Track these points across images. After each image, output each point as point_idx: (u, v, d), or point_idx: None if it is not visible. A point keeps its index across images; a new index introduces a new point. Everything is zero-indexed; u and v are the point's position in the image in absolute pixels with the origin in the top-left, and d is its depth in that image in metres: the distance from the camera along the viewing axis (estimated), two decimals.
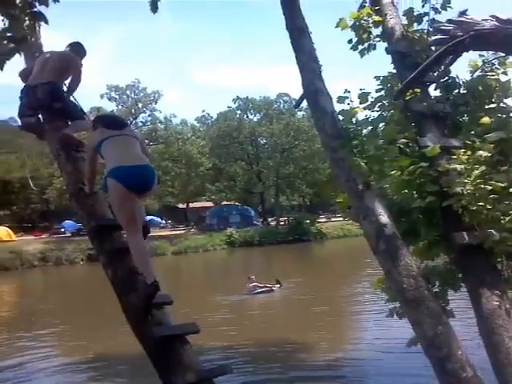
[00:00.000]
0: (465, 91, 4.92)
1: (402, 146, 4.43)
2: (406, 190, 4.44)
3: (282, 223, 54.81)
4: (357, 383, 9.23)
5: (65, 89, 4.81)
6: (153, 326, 3.49)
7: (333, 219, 56.21)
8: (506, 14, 3.21)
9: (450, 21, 3.58)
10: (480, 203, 3.92)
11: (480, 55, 4.97)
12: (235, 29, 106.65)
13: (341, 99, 4.55)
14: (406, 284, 3.51)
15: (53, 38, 5.31)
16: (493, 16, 3.25)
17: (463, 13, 3.48)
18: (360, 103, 4.83)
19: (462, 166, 4.05)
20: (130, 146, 3.87)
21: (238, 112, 58.97)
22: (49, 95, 4.55)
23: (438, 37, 3.61)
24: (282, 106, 59.34)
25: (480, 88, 4.82)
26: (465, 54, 4.71)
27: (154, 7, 5.91)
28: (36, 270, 34.95)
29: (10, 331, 15.05)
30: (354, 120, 4.43)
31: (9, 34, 3.94)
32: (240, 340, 12.10)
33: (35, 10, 4.01)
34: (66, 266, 36.61)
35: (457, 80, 4.97)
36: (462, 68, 4.96)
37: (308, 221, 50.30)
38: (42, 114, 4.76)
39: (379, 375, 9.15)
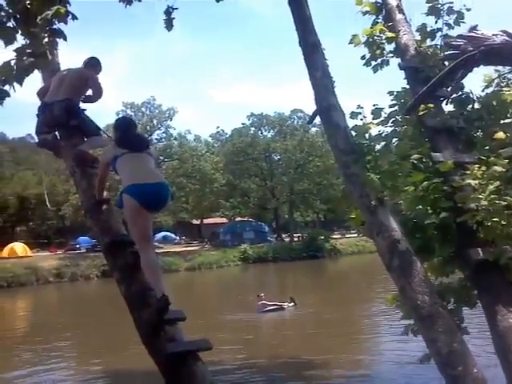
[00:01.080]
0: (479, 106, 4.90)
1: (415, 162, 4.42)
2: (420, 206, 4.41)
3: (296, 239, 54.61)
4: None
5: (81, 104, 4.87)
6: (165, 341, 3.47)
7: (347, 235, 55.90)
8: None
9: (460, 36, 3.59)
10: (495, 219, 3.87)
11: (496, 70, 4.97)
12: (250, 47, 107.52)
13: (354, 115, 4.57)
14: (420, 301, 3.47)
15: (70, 57, 5.38)
16: (503, 31, 3.25)
17: (473, 28, 3.48)
18: (373, 119, 4.84)
19: (477, 182, 4.01)
20: (144, 163, 3.90)
21: (252, 128, 59.25)
22: (65, 112, 4.60)
23: (449, 52, 3.61)
24: (296, 122, 59.50)
25: (494, 103, 4.80)
26: (479, 69, 4.72)
27: (169, 25, 6.00)
28: (51, 286, 35.09)
29: (23, 344, 15.13)
30: (367, 135, 4.44)
31: (28, 51, 4.02)
32: (249, 358, 11.99)
33: (54, 27, 4.08)
34: (81, 281, 36.74)
35: (471, 95, 4.95)
36: (476, 83, 4.95)
37: (322, 237, 50.06)
38: (59, 131, 4.82)
39: None
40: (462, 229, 4.12)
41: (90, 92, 4.92)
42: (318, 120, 5.14)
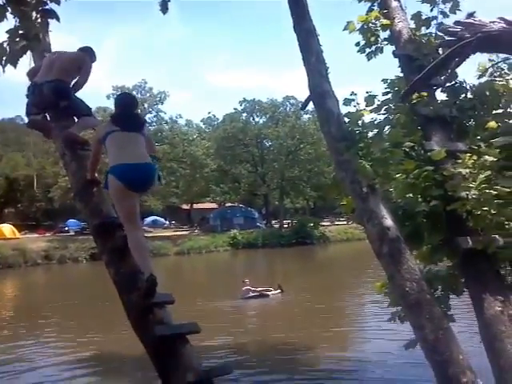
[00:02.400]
0: (472, 96, 4.91)
1: (407, 150, 4.43)
2: (411, 194, 4.43)
3: (286, 226, 54.76)
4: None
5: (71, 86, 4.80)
6: (154, 324, 3.48)
7: (336, 223, 56.19)
8: None
9: (457, 23, 3.58)
10: (484, 208, 3.90)
11: (490, 60, 4.97)
12: (246, 32, 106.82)
13: (347, 101, 4.55)
14: (408, 288, 3.49)
15: (62, 41, 5.31)
16: (500, 18, 3.25)
17: (471, 15, 3.48)
18: (366, 106, 4.83)
19: (468, 171, 4.03)
20: (132, 143, 3.85)
21: (244, 114, 59.03)
22: (54, 93, 4.54)
23: (446, 39, 3.60)
24: (288, 108, 59.35)
25: (487, 93, 4.81)
26: (473, 58, 4.72)
27: (164, 8, 5.92)
28: (39, 268, 35.01)
29: (11, 327, 15.09)
30: (359, 123, 4.42)
31: (21, 32, 3.94)
32: (235, 343, 12.03)
33: (47, 7, 4.00)
34: (70, 264, 36.66)
35: (464, 84, 4.96)
36: (470, 73, 4.95)
37: (311, 224, 50.23)
38: (48, 112, 4.76)
39: (380, 378, 9.12)
40: (452, 217, 4.14)
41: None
42: (310, 107, 5.14)
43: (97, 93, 57.31)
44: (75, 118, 4.70)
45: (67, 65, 4.69)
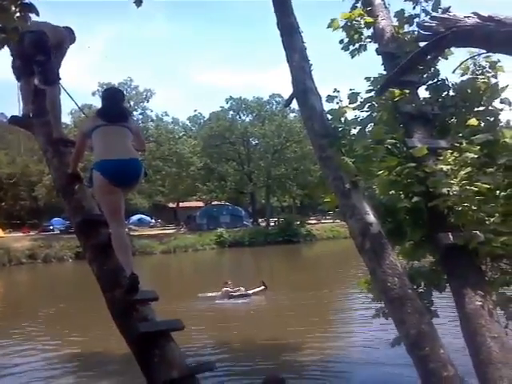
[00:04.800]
0: (454, 93, 4.95)
1: (389, 147, 4.46)
2: (393, 190, 4.47)
3: (272, 224, 54.81)
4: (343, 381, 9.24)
5: None
6: (138, 321, 3.48)
7: (323, 221, 56.33)
8: (487, 12, 3.26)
9: (433, 17, 3.62)
10: (465, 204, 3.95)
11: (472, 58, 5.02)
12: (231, 30, 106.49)
13: (330, 98, 4.58)
14: (390, 283, 3.52)
15: None
16: (474, 13, 3.30)
17: (446, 10, 3.52)
18: (349, 103, 4.85)
19: (449, 167, 4.08)
20: (118, 138, 3.82)
21: (231, 112, 58.96)
22: (34, 45, 4.40)
23: (422, 33, 3.64)
24: (274, 107, 59.36)
25: (469, 90, 4.86)
26: (456, 56, 4.77)
27: (138, 1, 5.90)
28: (24, 267, 34.67)
29: None
30: (342, 119, 4.45)
31: None
32: (218, 342, 11.97)
33: (26, 1, 3.95)
34: (55, 263, 36.35)
35: (446, 82, 5.00)
36: (450, 70, 4.99)
37: (298, 222, 50.37)
38: (24, 65, 4.58)
39: (366, 375, 9.18)
40: (434, 213, 4.18)
41: None
42: (295, 105, 5.15)
43: (82, 89, 57.01)
44: (44, 82, 4.55)
45: (51, 31, 4.57)
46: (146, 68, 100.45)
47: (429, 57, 4.14)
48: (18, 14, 3.96)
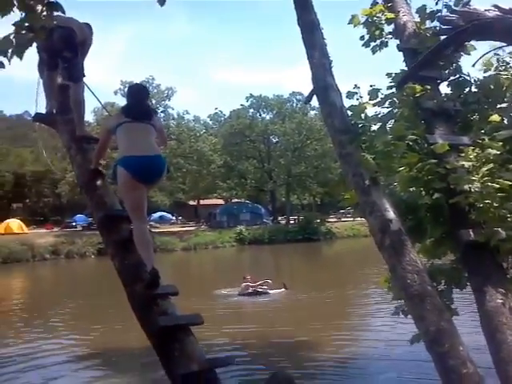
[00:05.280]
0: (476, 89, 4.89)
1: (410, 143, 4.42)
2: (414, 187, 4.43)
3: (292, 222, 54.77)
4: (362, 381, 9.21)
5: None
6: (158, 315, 3.53)
7: (343, 219, 56.11)
8: (508, 4, 3.22)
9: (453, 11, 3.60)
10: (487, 201, 3.90)
11: (495, 54, 4.95)
12: (250, 29, 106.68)
13: (350, 94, 4.56)
14: (409, 279, 3.50)
15: None
16: (495, 6, 3.26)
17: (466, 3, 3.49)
18: (370, 99, 4.82)
19: (471, 164, 4.03)
20: (142, 135, 3.87)
21: (251, 110, 59.04)
22: (63, 40, 4.43)
23: (443, 27, 3.62)
24: (294, 104, 59.32)
25: (492, 87, 4.80)
26: (478, 52, 4.71)
27: (162, 0, 5.92)
28: (47, 263, 35.29)
29: (17, 322, 15.22)
30: (363, 116, 4.43)
31: (26, 24, 3.96)
32: (239, 338, 12.02)
33: (52, 0, 4.02)
34: (77, 259, 36.94)
35: (468, 78, 4.95)
36: (474, 66, 4.93)
37: (318, 220, 50.26)
38: (50, 60, 4.64)
39: (386, 372, 9.14)
40: (455, 210, 4.14)
41: None
42: (316, 103, 5.14)
43: (105, 88, 57.54)
44: (68, 78, 4.60)
45: (78, 29, 4.61)
46: (167, 67, 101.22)
47: (449, 51, 4.09)
48: (44, 13, 4.04)
